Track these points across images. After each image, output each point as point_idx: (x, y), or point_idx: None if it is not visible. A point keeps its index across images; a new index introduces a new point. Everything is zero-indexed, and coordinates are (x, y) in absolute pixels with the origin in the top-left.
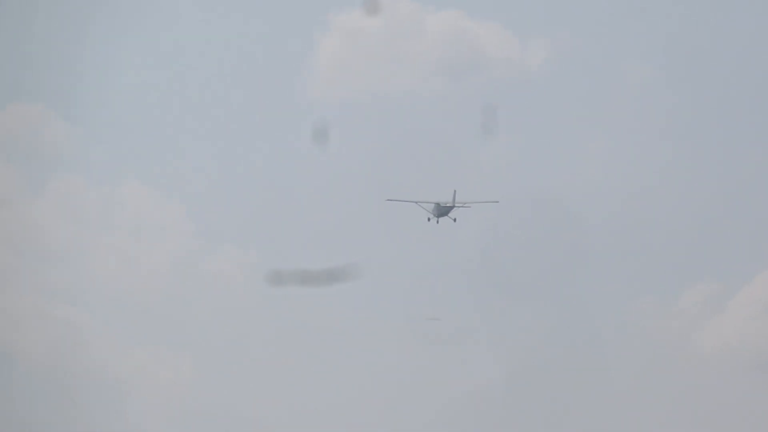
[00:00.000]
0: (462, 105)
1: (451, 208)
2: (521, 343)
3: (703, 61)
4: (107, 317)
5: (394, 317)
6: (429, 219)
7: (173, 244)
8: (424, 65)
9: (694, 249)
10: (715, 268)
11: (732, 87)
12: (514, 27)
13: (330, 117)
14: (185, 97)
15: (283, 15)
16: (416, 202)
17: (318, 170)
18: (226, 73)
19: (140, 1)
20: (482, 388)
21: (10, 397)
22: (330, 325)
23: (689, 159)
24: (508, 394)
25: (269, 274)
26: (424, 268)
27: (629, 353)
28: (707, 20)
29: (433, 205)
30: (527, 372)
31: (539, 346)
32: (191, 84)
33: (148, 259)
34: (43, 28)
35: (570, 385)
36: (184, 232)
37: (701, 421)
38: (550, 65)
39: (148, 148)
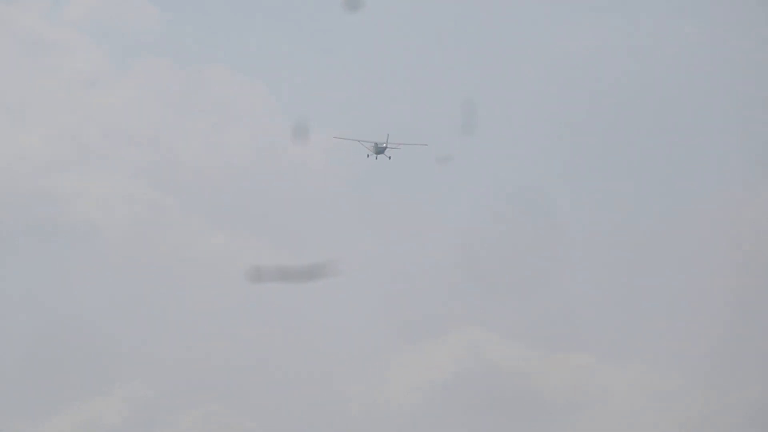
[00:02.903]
0: None
1: (386, 148)
2: None
3: None
4: (189, 199)
5: None
6: (368, 155)
7: (257, 128)
8: None
9: None
10: None
11: None
12: None
13: None
14: None
15: None
16: (359, 141)
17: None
18: None
19: None
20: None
21: (93, 276)
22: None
23: None
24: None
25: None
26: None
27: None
28: None
29: (372, 144)
30: None
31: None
32: None
33: (232, 142)
34: None
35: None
36: (269, 116)
37: None
38: None
39: (233, 32)
